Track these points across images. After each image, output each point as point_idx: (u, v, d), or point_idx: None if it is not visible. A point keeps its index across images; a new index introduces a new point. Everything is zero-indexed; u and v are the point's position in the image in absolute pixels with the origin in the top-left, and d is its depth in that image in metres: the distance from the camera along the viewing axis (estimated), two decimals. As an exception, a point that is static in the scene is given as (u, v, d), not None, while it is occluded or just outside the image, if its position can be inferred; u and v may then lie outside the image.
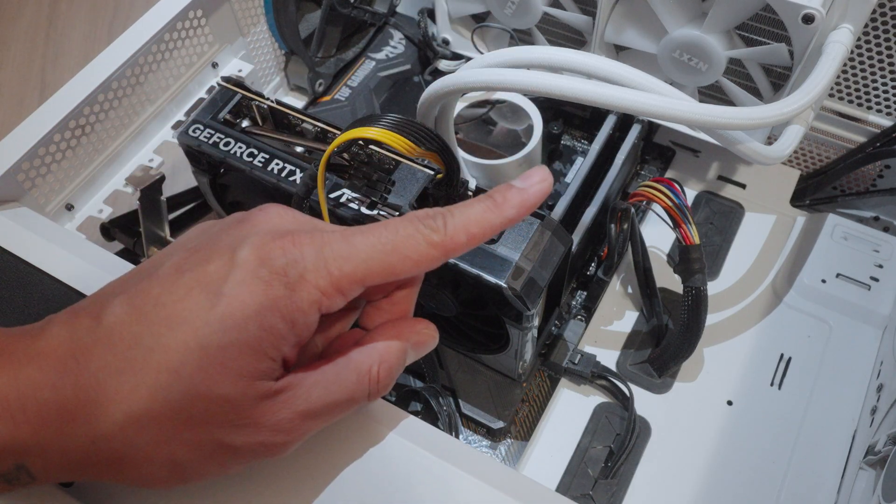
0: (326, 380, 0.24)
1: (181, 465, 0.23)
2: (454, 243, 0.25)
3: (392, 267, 0.24)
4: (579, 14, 0.50)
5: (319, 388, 0.24)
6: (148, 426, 0.22)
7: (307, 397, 0.24)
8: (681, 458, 0.47)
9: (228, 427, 0.23)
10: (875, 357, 0.50)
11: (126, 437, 0.22)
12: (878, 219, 0.58)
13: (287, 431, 0.24)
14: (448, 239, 0.24)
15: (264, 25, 0.57)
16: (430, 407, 0.45)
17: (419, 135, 0.32)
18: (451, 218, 0.25)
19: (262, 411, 0.23)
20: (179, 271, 0.24)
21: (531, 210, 0.26)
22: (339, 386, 0.24)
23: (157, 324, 0.23)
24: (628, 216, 0.48)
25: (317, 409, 0.24)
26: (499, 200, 0.25)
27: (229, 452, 0.23)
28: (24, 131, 0.42)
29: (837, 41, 0.42)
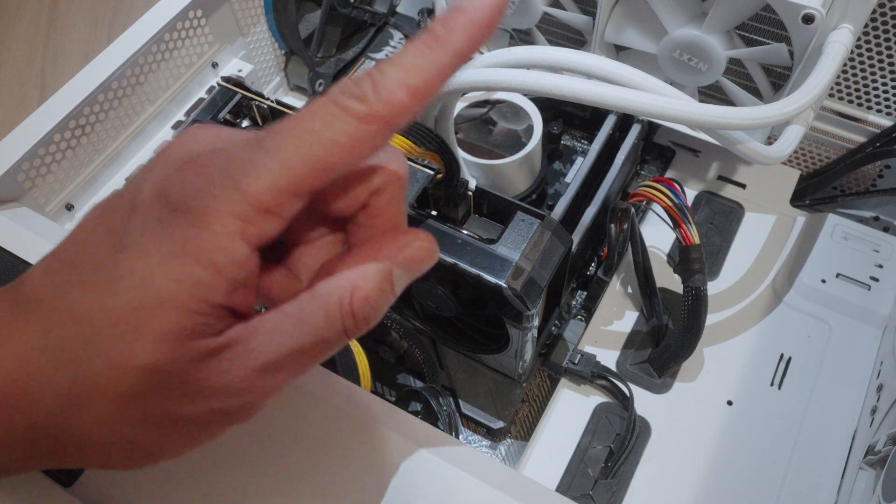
0: (287, 323, 0.20)
1: (136, 443, 0.20)
2: (392, 106, 0.19)
3: (321, 161, 0.19)
4: (579, 14, 0.50)
5: (277, 336, 0.20)
6: (82, 408, 0.20)
7: (262, 349, 0.20)
8: (681, 458, 0.47)
9: (171, 397, 0.19)
10: (875, 357, 0.50)
11: (64, 421, 0.20)
12: (878, 219, 0.58)
13: (243, 393, 0.20)
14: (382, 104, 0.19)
15: (264, 25, 0.57)
16: (430, 407, 0.45)
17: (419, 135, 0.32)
18: (380, 76, 0.19)
19: (205, 374, 0.19)
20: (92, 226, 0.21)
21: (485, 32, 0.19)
22: (303, 328, 0.20)
23: (69, 289, 0.20)
24: (628, 216, 0.48)
25: (276, 360, 0.20)
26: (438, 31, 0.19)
27: (183, 424, 0.20)
28: (24, 131, 0.42)
29: (837, 41, 0.42)
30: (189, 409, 0.20)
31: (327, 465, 0.28)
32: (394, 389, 0.48)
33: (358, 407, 0.30)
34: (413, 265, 0.21)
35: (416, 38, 0.19)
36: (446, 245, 0.37)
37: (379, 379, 0.49)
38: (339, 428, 0.29)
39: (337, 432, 0.29)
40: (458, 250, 0.37)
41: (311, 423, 0.29)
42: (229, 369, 0.19)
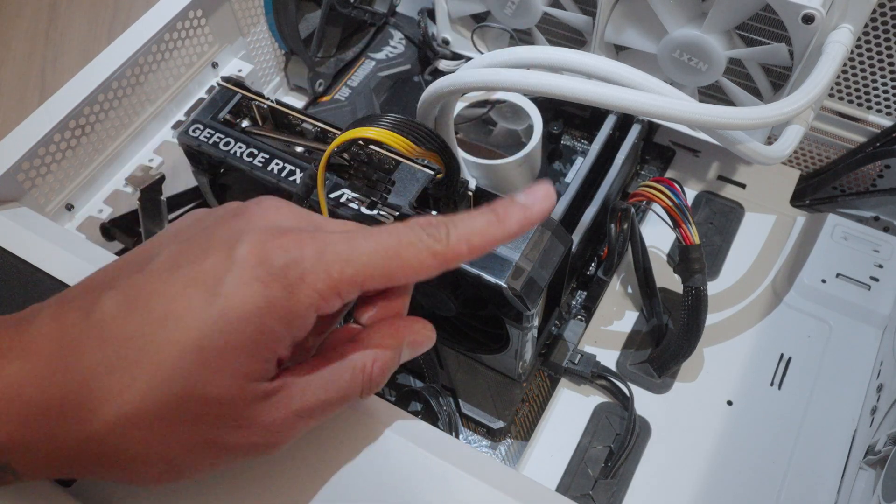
0: (321, 379, 0.24)
1: (174, 463, 0.23)
2: (454, 254, 0.24)
3: (391, 273, 0.24)
4: (579, 14, 0.50)
5: (314, 388, 0.24)
6: (140, 426, 0.22)
7: (301, 397, 0.24)
8: (681, 458, 0.47)
9: (222, 427, 0.23)
10: (875, 357, 0.50)
11: (117, 437, 0.22)
12: (878, 219, 0.58)
13: (280, 431, 0.24)
14: (449, 250, 0.24)
15: (264, 25, 0.57)
16: (430, 407, 0.45)
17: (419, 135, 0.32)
18: (454, 228, 0.25)
19: (256, 412, 0.23)
20: (174, 266, 0.23)
21: (532, 227, 0.26)
22: (333, 384, 0.24)
23: (151, 322, 0.22)
24: (628, 216, 0.48)
25: (310, 408, 0.24)
26: (501, 215, 0.25)
27: (222, 451, 0.23)
28: (24, 131, 0.42)
29: (837, 41, 0.42)
30: (231, 439, 0.23)
31: (327, 464, 0.28)
32: (394, 389, 0.48)
33: (358, 407, 0.30)
34: (417, 346, 0.27)
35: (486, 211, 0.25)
36: (446, 245, 0.37)
37: (379, 379, 0.48)
38: (338, 428, 0.29)
39: (337, 432, 0.29)
40: (458, 250, 0.37)
41: (311, 423, 0.29)
42: (274, 411, 0.23)
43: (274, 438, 0.24)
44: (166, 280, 0.23)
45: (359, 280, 0.23)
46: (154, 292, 0.23)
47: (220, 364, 0.22)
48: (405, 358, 0.27)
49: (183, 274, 0.23)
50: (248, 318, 0.22)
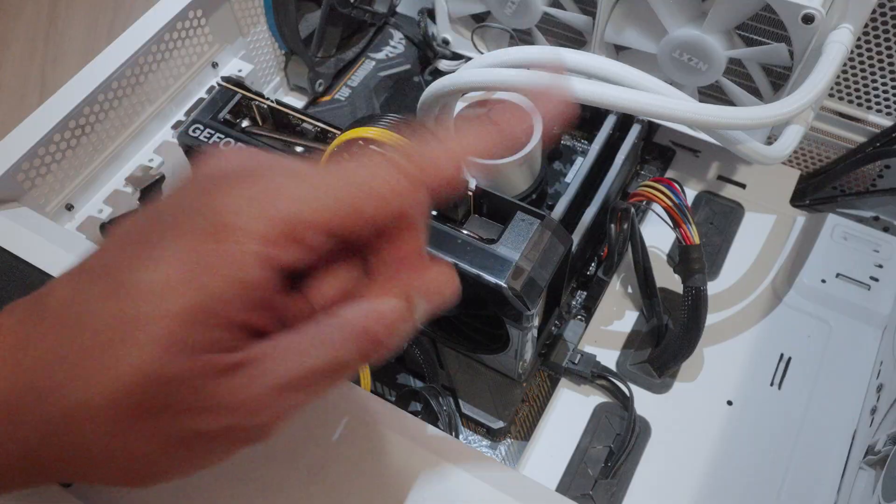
0: (304, 343, 0.20)
1: (144, 458, 0.20)
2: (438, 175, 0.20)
3: (356, 202, 0.20)
4: (579, 14, 0.50)
5: (296, 355, 0.20)
6: (96, 417, 0.19)
7: (281, 367, 0.20)
8: (681, 458, 0.47)
9: (186, 412, 0.19)
10: (875, 357, 0.50)
11: (76, 431, 0.20)
12: (878, 219, 0.58)
13: (259, 411, 0.20)
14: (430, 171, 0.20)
15: (264, 25, 0.57)
16: (430, 407, 0.45)
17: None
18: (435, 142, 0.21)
19: (222, 389, 0.19)
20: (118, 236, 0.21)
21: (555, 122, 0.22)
22: (319, 349, 0.20)
23: (96, 300, 0.20)
24: (628, 216, 0.48)
25: (293, 379, 0.20)
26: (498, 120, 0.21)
27: (198, 441, 0.20)
28: (24, 131, 0.42)
29: (837, 41, 0.42)
30: (199, 425, 0.20)
31: (327, 464, 0.28)
32: (394, 389, 0.48)
33: (358, 407, 0.30)
34: (434, 295, 0.22)
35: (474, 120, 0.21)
36: (446, 245, 0.37)
37: (379, 379, 0.49)
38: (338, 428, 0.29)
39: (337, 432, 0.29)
40: (458, 250, 0.37)
41: (310, 424, 0.29)
42: (245, 387, 0.19)
43: (253, 420, 0.20)
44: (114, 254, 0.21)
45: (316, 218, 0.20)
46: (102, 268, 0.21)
47: (162, 338, 0.19)
48: (422, 311, 0.22)
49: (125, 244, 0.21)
50: (182, 280, 0.19)
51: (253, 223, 0.19)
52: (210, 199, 0.20)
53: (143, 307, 0.19)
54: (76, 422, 0.19)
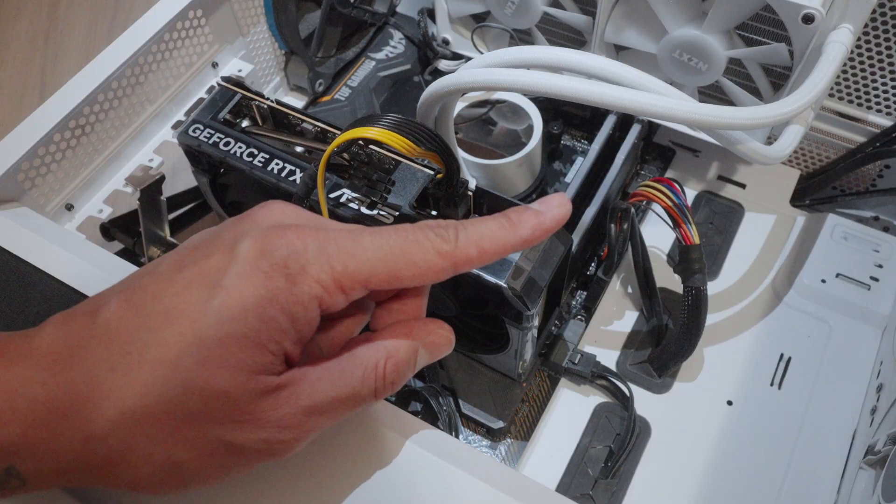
0: (331, 375, 0.24)
1: (180, 465, 0.22)
2: (464, 256, 0.24)
3: (397, 271, 0.23)
4: (579, 14, 0.50)
5: (323, 384, 0.23)
6: (143, 423, 0.22)
7: (311, 393, 0.23)
8: (681, 458, 0.47)
9: (229, 423, 0.22)
10: (875, 357, 0.50)
11: (120, 435, 0.22)
12: (878, 219, 0.58)
13: (290, 428, 0.23)
14: (458, 251, 0.24)
15: (264, 25, 0.57)
16: (430, 407, 0.45)
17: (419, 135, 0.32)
18: (463, 230, 0.24)
19: (263, 407, 0.22)
20: (178, 267, 0.23)
21: (546, 234, 0.25)
22: (343, 381, 0.24)
23: (154, 318, 0.22)
24: (628, 216, 0.48)
25: (321, 404, 0.23)
26: (514, 220, 0.25)
27: (231, 452, 0.23)
28: (24, 131, 0.42)
29: (837, 41, 0.42)
30: (239, 437, 0.22)
31: (327, 464, 0.28)
32: (394, 389, 0.48)
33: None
34: (435, 349, 0.26)
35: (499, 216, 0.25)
36: (446, 245, 0.37)
37: (379, 379, 0.48)
38: (338, 428, 0.29)
39: (336, 432, 0.29)
40: (458, 250, 0.37)
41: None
42: (283, 406, 0.23)
43: (284, 436, 0.23)
44: (169, 279, 0.23)
45: (362, 275, 0.23)
46: (157, 292, 0.23)
47: (222, 356, 0.22)
48: (424, 361, 0.26)
49: (186, 273, 0.23)
50: (250, 308, 0.22)
51: (319, 272, 0.23)
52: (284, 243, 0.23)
53: (207, 329, 0.22)
54: (122, 428, 0.22)
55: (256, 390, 0.22)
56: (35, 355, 0.22)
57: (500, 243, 0.24)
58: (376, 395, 0.24)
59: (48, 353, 0.22)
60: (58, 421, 0.22)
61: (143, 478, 0.23)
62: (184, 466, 0.23)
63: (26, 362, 0.22)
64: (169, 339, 0.22)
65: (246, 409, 0.22)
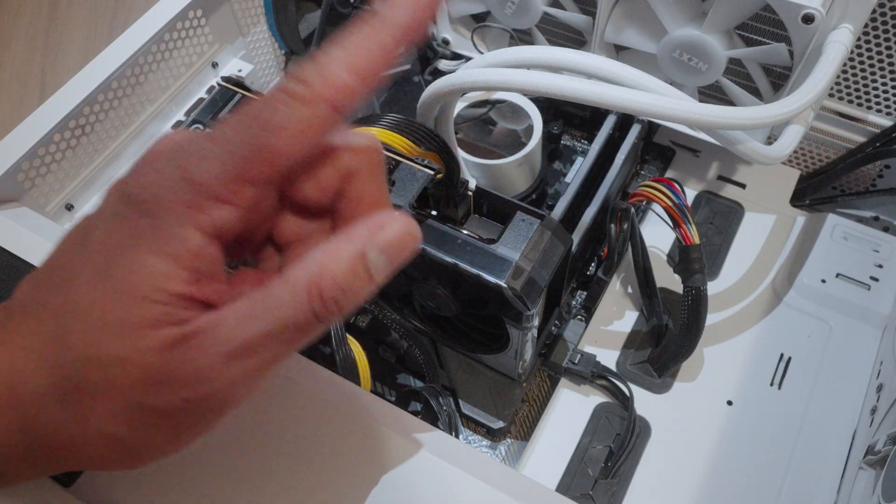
0: (253, 309, 0.20)
1: (119, 440, 0.20)
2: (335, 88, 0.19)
3: (268, 146, 0.19)
4: (579, 14, 0.50)
5: (245, 321, 0.19)
6: (60, 403, 0.20)
7: (230, 335, 0.19)
8: (681, 458, 0.47)
9: (140, 387, 0.19)
10: (875, 357, 0.50)
11: (46, 417, 0.20)
12: (878, 219, 0.58)
13: (212, 379, 0.19)
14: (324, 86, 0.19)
15: (264, 25, 0.57)
16: (430, 407, 0.45)
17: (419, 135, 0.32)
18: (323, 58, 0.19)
19: (172, 363, 0.19)
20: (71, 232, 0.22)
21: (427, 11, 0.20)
22: (270, 313, 0.19)
23: (46, 291, 0.21)
24: (628, 216, 0.48)
25: (245, 345, 0.19)
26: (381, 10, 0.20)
27: (161, 416, 0.20)
28: (24, 131, 0.42)
29: (837, 41, 0.42)
30: (160, 400, 0.20)
31: (327, 465, 0.28)
32: (394, 389, 0.48)
33: (358, 407, 0.30)
34: (391, 248, 0.20)
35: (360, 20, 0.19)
36: (446, 245, 0.37)
37: (379, 379, 0.49)
38: (339, 428, 0.29)
39: (337, 432, 0.29)
40: (457, 250, 0.37)
41: (310, 423, 0.29)
42: (196, 357, 0.19)
43: (208, 389, 0.20)
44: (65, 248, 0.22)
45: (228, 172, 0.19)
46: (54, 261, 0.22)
47: (100, 319, 0.19)
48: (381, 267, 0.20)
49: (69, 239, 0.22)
50: (115, 260, 0.19)
51: (171, 193, 0.19)
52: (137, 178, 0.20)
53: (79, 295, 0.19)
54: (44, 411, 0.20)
55: (154, 347, 0.19)
56: None
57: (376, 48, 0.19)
58: (319, 319, 0.20)
59: None
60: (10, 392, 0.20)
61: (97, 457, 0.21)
62: (124, 440, 0.20)
63: None
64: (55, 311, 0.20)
65: (153, 369, 0.19)
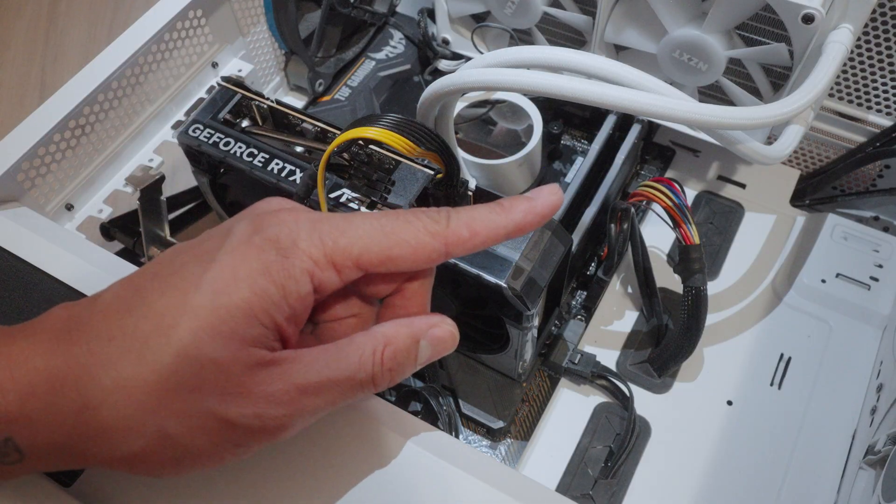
0: (326, 357, 0.23)
1: (171, 438, 0.22)
2: (455, 236, 0.24)
3: (389, 250, 0.24)
4: (579, 14, 0.50)
5: (318, 364, 0.23)
6: (135, 392, 0.22)
7: (305, 372, 0.23)
8: (681, 458, 0.47)
9: (220, 395, 0.22)
10: (875, 357, 0.50)
11: (113, 404, 0.22)
12: (878, 219, 0.58)
13: (283, 404, 0.23)
14: (450, 231, 0.24)
15: (264, 25, 0.57)
16: (430, 407, 0.45)
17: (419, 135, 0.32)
18: (455, 213, 0.25)
19: (255, 380, 0.22)
20: (178, 252, 0.24)
21: (539, 220, 0.25)
22: (339, 364, 0.23)
23: (151, 293, 0.23)
24: (628, 216, 0.48)
25: (315, 384, 0.23)
26: (506, 205, 0.25)
27: (222, 426, 0.22)
28: (24, 131, 0.42)
29: (837, 41, 0.42)
30: (231, 410, 0.22)
31: (327, 464, 0.28)
32: (394, 389, 0.48)
33: (358, 407, 0.30)
34: (437, 343, 0.26)
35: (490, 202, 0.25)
36: (446, 245, 0.37)
37: (379, 379, 0.48)
38: (338, 427, 0.29)
39: (336, 432, 0.29)
40: (458, 250, 0.37)
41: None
42: (275, 380, 0.22)
43: (276, 412, 0.23)
44: (169, 262, 0.24)
45: (354, 251, 0.23)
46: (157, 272, 0.24)
47: (213, 325, 0.22)
48: (427, 355, 0.26)
49: (184, 256, 0.24)
50: (242, 279, 0.22)
51: (310, 248, 0.23)
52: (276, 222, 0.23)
53: (200, 300, 0.22)
54: (115, 396, 0.22)
55: (248, 362, 0.22)
56: (38, 331, 0.23)
57: (492, 226, 0.25)
58: (374, 382, 0.24)
59: (51, 330, 0.23)
60: (55, 392, 0.22)
61: (136, 452, 0.23)
62: (175, 440, 0.22)
63: (30, 338, 0.23)
64: (161, 310, 0.22)
65: (238, 380, 0.22)
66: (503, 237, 0.25)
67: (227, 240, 0.23)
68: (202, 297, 0.22)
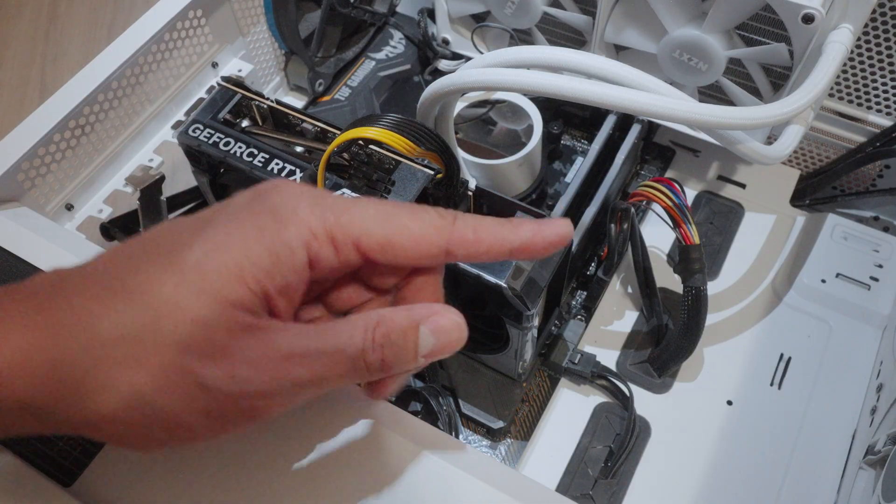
0: (316, 329, 0.23)
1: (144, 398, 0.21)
2: (459, 235, 0.24)
3: (390, 236, 0.23)
4: (579, 14, 0.50)
5: (307, 334, 0.22)
6: (111, 346, 0.21)
7: (291, 341, 0.22)
8: (681, 458, 0.47)
9: (197, 354, 0.21)
10: (875, 357, 0.50)
11: (87, 357, 0.21)
12: (878, 219, 0.58)
13: (262, 369, 0.22)
14: (454, 229, 0.24)
15: (264, 25, 0.57)
16: (430, 407, 0.45)
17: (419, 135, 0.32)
18: (462, 215, 0.24)
19: (236, 343, 0.21)
20: (175, 220, 0.24)
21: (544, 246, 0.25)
22: (329, 335, 0.22)
23: (140, 257, 0.22)
24: (628, 216, 0.48)
25: (300, 352, 0.22)
26: (514, 222, 0.25)
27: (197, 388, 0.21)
28: (24, 131, 0.42)
29: (837, 41, 0.42)
30: (209, 372, 0.21)
31: (327, 464, 0.28)
32: (394, 389, 0.48)
33: (358, 407, 0.30)
34: (440, 332, 0.24)
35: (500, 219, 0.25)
36: (446, 245, 0.37)
37: (379, 379, 0.48)
38: (338, 428, 0.29)
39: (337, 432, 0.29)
40: (458, 250, 0.37)
41: (311, 424, 0.29)
42: (257, 346, 0.22)
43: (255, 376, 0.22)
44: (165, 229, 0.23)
45: (354, 230, 0.23)
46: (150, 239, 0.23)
47: (198, 283, 0.21)
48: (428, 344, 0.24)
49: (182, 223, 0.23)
50: (234, 242, 0.22)
51: (311, 217, 0.23)
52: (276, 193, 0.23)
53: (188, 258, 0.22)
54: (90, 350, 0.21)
55: (231, 324, 0.21)
56: (22, 291, 0.23)
57: (498, 236, 0.24)
58: (364, 359, 0.23)
59: (35, 290, 0.23)
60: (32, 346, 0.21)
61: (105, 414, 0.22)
62: (146, 398, 0.21)
63: (11, 297, 0.22)
64: (150, 269, 0.22)
65: (218, 341, 0.21)
66: (506, 253, 0.25)
67: (226, 206, 0.23)
68: (191, 256, 0.22)
